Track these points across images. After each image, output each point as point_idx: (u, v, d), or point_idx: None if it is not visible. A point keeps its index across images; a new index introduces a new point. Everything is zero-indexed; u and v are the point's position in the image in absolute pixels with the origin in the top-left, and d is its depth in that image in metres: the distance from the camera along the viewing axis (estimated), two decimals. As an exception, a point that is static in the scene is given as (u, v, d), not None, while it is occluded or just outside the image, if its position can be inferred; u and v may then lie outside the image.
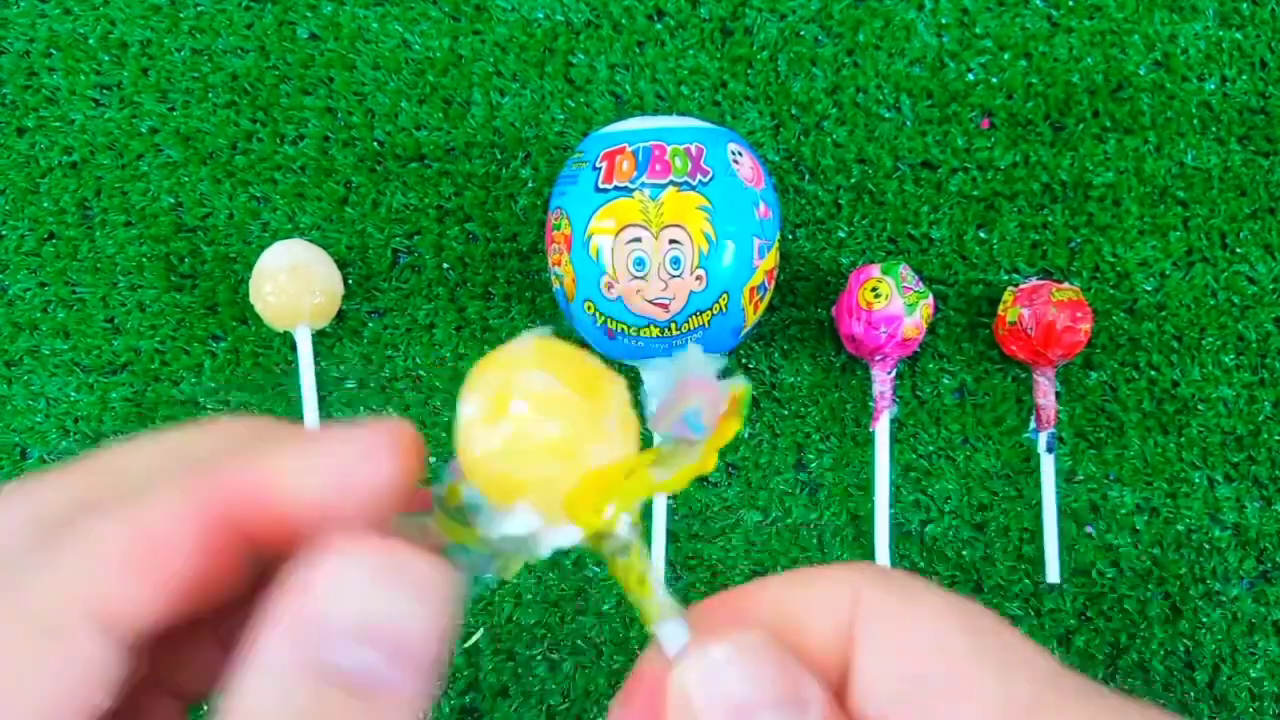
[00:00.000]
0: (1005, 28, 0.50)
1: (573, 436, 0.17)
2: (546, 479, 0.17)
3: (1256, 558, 0.48)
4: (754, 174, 0.43)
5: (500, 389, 0.17)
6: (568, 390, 0.17)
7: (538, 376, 0.17)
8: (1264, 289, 0.49)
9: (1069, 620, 0.48)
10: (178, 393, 0.50)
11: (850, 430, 0.49)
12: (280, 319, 0.48)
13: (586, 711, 0.48)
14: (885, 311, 0.45)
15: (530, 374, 0.17)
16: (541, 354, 0.18)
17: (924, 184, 0.50)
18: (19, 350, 0.51)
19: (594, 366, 0.18)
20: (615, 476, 0.17)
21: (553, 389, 0.17)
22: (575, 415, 0.17)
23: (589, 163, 0.43)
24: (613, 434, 0.17)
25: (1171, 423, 0.48)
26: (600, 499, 0.17)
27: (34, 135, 0.51)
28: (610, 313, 0.43)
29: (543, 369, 0.17)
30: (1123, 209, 0.49)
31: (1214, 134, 0.49)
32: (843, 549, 0.48)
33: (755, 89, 0.50)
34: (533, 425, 0.17)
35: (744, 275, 0.42)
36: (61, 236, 0.51)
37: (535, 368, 0.17)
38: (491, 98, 0.51)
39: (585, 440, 0.17)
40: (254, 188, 0.51)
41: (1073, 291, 0.46)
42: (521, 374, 0.17)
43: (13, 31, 0.52)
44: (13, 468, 0.50)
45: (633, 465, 0.17)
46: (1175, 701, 0.47)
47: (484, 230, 0.50)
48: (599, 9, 0.51)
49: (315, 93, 0.51)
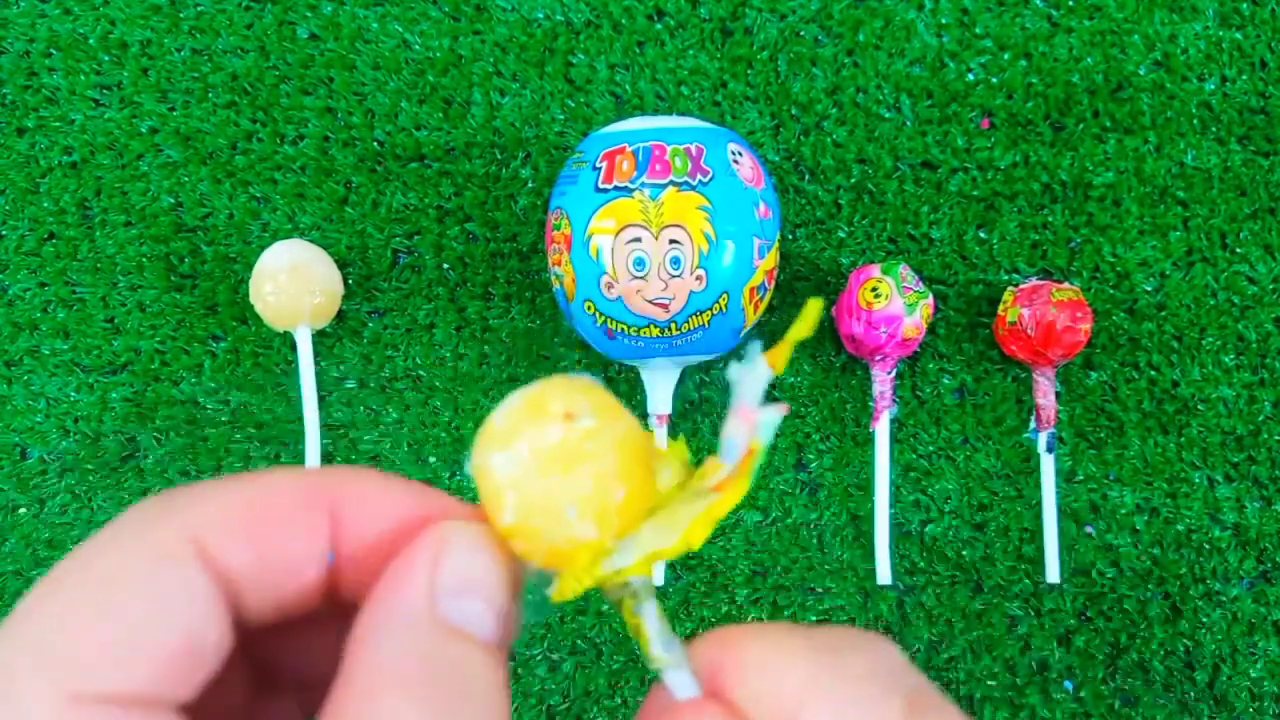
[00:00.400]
0: (1005, 28, 0.50)
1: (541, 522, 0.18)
2: (549, 541, 0.18)
3: (1256, 558, 0.48)
4: (754, 174, 0.43)
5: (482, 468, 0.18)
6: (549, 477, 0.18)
7: (523, 448, 0.18)
8: (1264, 289, 0.49)
9: (1069, 620, 0.48)
10: (178, 393, 0.50)
11: (850, 430, 0.49)
12: (280, 319, 0.48)
13: (586, 711, 0.48)
14: (885, 311, 0.45)
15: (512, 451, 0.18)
16: (527, 424, 0.18)
17: (924, 184, 0.50)
18: (19, 350, 0.51)
19: (581, 430, 0.18)
20: (582, 556, 0.18)
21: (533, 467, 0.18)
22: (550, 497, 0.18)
23: (589, 163, 0.43)
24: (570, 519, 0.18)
25: (1171, 423, 0.48)
26: (578, 574, 0.18)
27: (34, 135, 0.51)
28: (610, 313, 0.43)
29: (526, 442, 0.18)
30: (1123, 209, 0.49)
31: (1214, 134, 0.49)
32: (843, 549, 0.48)
33: (755, 89, 0.50)
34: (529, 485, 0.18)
35: (744, 275, 0.42)
36: (61, 236, 0.51)
37: (519, 441, 0.18)
38: (491, 98, 0.51)
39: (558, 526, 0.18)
40: (254, 188, 0.51)
41: (1073, 291, 0.46)
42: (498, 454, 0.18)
43: (13, 31, 0.52)
44: (13, 468, 0.50)
45: (598, 546, 0.18)
46: (1175, 701, 0.47)
47: (484, 230, 0.50)
48: (599, 9, 0.51)
49: (315, 93, 0.51)
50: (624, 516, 0.18)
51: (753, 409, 0.17)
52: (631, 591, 0.18)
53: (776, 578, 0.49)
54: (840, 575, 0.48)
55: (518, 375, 0.50)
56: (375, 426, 0.50)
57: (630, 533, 0.18)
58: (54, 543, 0.50)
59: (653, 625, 0.18)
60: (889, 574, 0.47)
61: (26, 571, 0.50)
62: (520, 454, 0.18)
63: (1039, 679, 0.48)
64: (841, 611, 0.48)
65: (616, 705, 0.48)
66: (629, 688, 0.48)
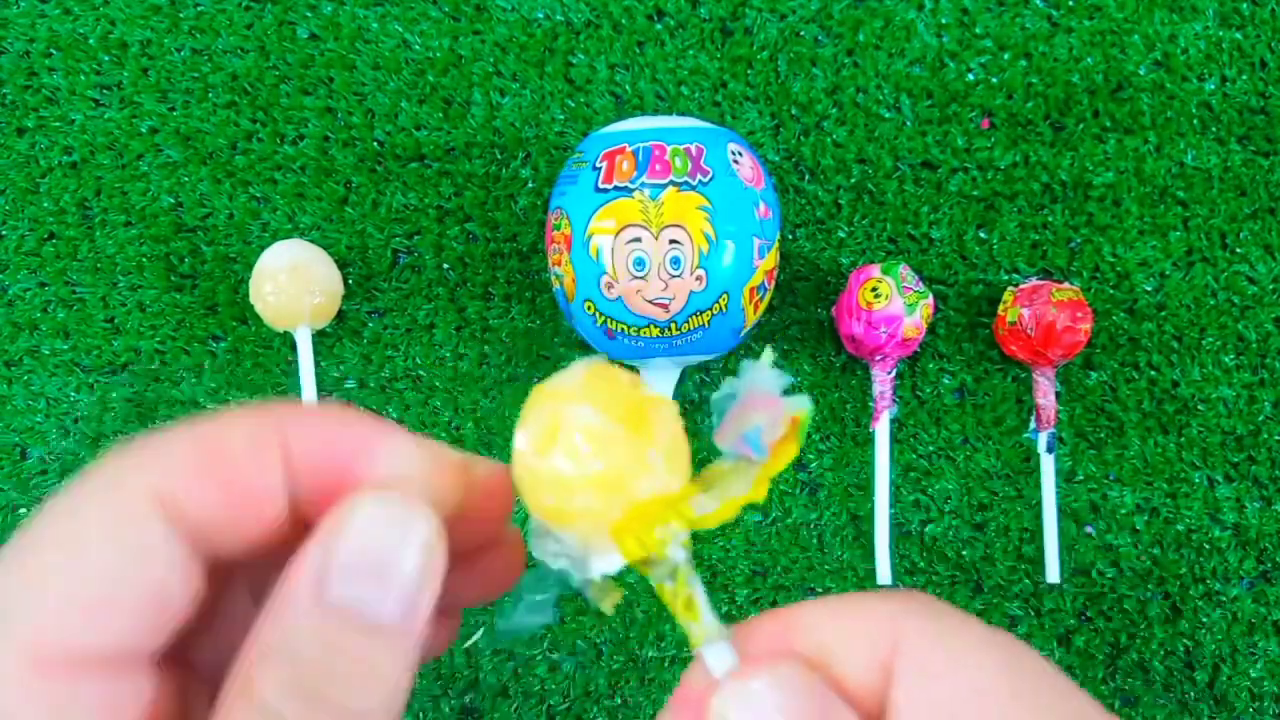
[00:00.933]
0: (1005, 28, 0.50)
1: (616, 471, 0.18)
2: (592, 511, 0.18)
3: (1256, 558, 0.48)
4: (754, 174, 0.43)
5: (549, 423, 0.18)
6: (613, 424, 0.18)
7: (584, 411, 0.18)
8: (1264, 289, 0.49)
9: (1069, 620, 0.48)
10: (178, 393, 0.50)
11: (850, 430, 0.49)
12: (280, 319, 0.48)
13: (586, 711, 0.48)
14: (885, 311, 0.45)
15: (577, 408, 0.18)
16: (590, 386, 0.18)
17: (924, 184, 0.50)
18: (19, 350, 0.51)
19: (642, 396, 0.18)
20: (656, 509, 0.18)
21: (598, 424, 0.18)
22: (619, 450, 0.18)
23: (589, 163, 0.43)
24: (656, 466, 0.18)
25: (1171, 423, 0.48)
26: (642, 532, 0.18)
27: (34, 135, 0.51)
28: (610, 313, 0.43)
29: (589, 402, 0.18)
30: (1123, 209, 0.49)
31: (1214, 134, 0.49)
32: (843, 549, 0.48)
33: (755, 89, 0.50)
34: (578, 460, 0.18)
35: (744, 275, 0.42)
36: (61, 236, 0.51)
37: (583, 401, 0.18)
38: (491, 98, 0.51)
39: (629, 474, 0.18)
40: (254, 188, 0.51)
41: (1073, 291, 0.46)
42: (569, 408, 0.18)
43: (13, 31, 0.52)
44: (13, 468, 0.50)
45: (676, 497, 0.18)
46: (1175, 701, 0.47)
47: (484, 230, 0.50)
48: (599, 9, 0.51)
49: (315, 93, 0.51)
50: (691, 481, 0.18)
51: (776, 397, 0.18)
52: (675, 566, 0.19)
53: (776, 578, 0.49)
54: (840, 575, 0.48)
55: (518, 375, 0.50)
56: (375, 426, 0.50)
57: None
58: (54, 543, 0.50)
59: (702, 595, 0.19)
60: (889, 574, 0.47)
61: (26, 571, 0.50)
62: (596, 406, 0.18)
63: (1039, 679, 0.47)
64: (841, 611, 0.48)
65: (616, 705, 0.48)
66: (629, 688, 0.48)
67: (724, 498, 0.18)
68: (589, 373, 0.18)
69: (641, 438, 0.18)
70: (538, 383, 0.19)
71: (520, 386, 0.50)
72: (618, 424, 0.18)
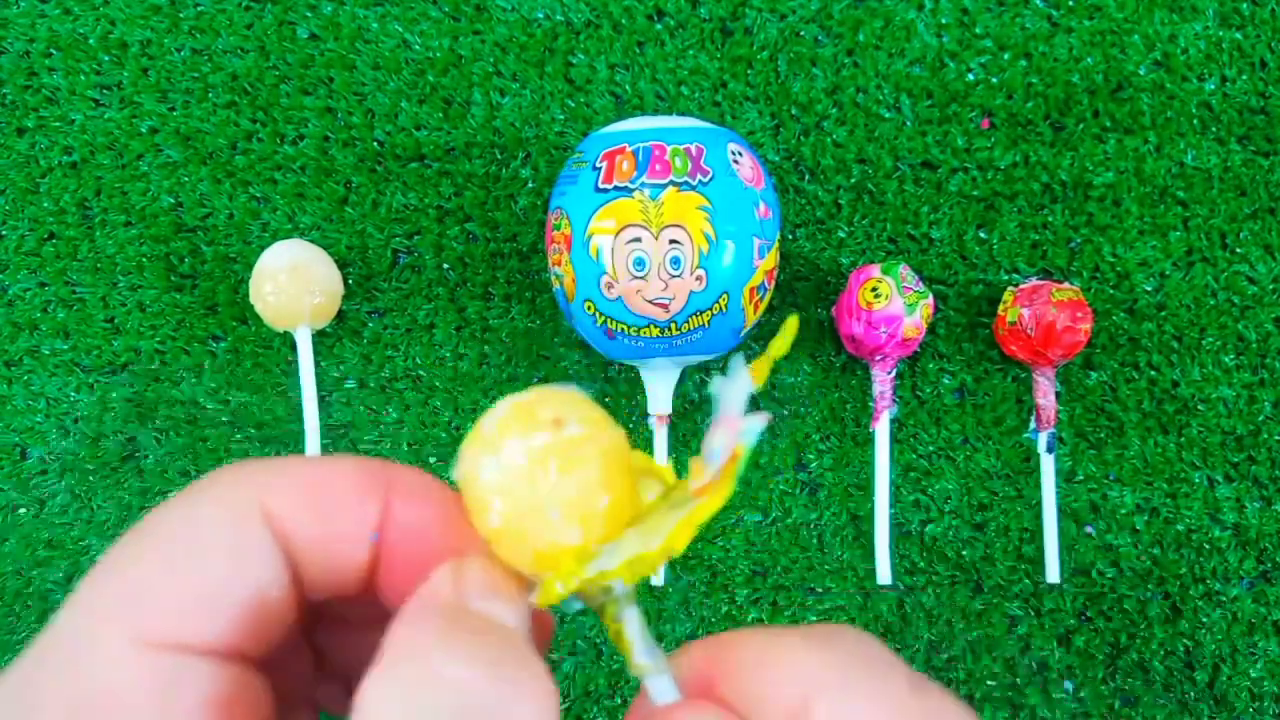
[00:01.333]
0: (1005, 28, 0.50)
1: (511, 526, 0.18)
2: (507, 557, 0.18)
3: (1256, 558, 0.48)
4: (754, 174, 0.43)
5: (466, 474, 0.18)
6: (512, 476, 0.18)
7: (486, 463, 0.18)
8: (1264, 289, 0.49)
9: (1069, 620, 0.48)
10: (178, 393, 0.50)
11: (850, 430, 0.49)
12: (280, 319, 0.48)
13: (586, 711, 0.48)
14: (885, 311, 0.45)
15: (485, 458, 0.18)
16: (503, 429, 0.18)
17: (924, 184, 0.50)
18: (19, 350, 0.51)
19: (565, 438, 0.18)
20: (551, 562, 0.18)
21: (495, 480, 0.18)
22: (514, 501, 0.18)
23: (589, 163, 0.43)
24: (551, 520, 0.18)
25: (1171, 423, 0.48)
26: (559, 577, 0.18)
27: (34, 135, 0.51)
28: (610, 313, 0.43)
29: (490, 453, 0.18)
30: (1123, 209, 0.49)
31: (1214, 134, 0.49)
32: (843, 549, 0.48)
33: (755, 89, 0.50)
34: (480, 515, 0.18)
35: (744, 275, 0.42)
36: (61, 236, 0.51)
37: (489, 452, 0.18)
38: (491, 98, 0.51)
39: (526, 526, 0.18)
40: (254, 188, 0.51)
41: (1073, 291, 0.46)
42: (482, 458, 0.18)
43: (13, 31, 0.52)
44: (13, 468, 0.50)
45: (574, 552, 0.18)
46: (1175, 701, 0.47)
47: (484, 230, 0.50)
48: (599, 9, 0.51)
49: (315, 93, 0.51)
50: (608, 523, 0.18)
51: (736, 417, 0.17)
52: (614, 598, 0.19)
53: (776, 578, 0.49)
54: (840, 575, 0.48)
55: (518, 375, 0.50)
56: (375, 426, 0.50)
57: (614, 539, 0.18)
58: (54, 543, 0.50)
59: (635, 631, 0.19)
60: (889, 574, 0.47)
61: (26, 571, 0.50)
62: (507, 459, 0.18)
63: (1039, 679, 0.48)
64: (842, 612, 0.48)
65: (616, 705, 0.48)
66: (629, 688, 0.48)
67: (631, 552, 0.18)
68: (508, 413, 0.18)
69: (537, 486, 0.18)
70: (537, 383, 0.19)
71: (520, 386, 0.50)
72: (516, 477, 0.18)
